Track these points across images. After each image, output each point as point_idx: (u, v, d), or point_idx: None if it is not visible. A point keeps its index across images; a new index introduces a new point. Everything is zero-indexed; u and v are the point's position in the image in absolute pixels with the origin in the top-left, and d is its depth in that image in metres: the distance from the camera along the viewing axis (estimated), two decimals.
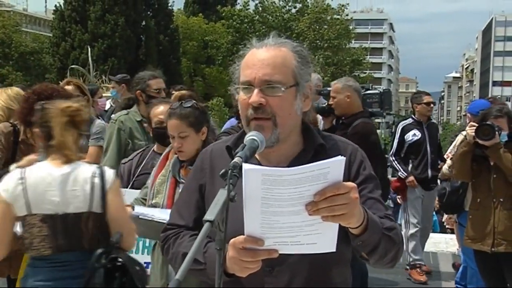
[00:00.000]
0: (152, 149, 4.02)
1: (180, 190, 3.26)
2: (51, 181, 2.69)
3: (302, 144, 1.93)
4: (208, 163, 1.98)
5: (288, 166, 1.83)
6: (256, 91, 1.79)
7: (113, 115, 5.21)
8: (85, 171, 2.77)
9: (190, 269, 1.80)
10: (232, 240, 1.64)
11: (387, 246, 1.78)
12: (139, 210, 3.18)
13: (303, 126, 1.94)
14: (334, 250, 1.64)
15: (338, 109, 5.16)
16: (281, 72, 1.82)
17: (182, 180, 3.29)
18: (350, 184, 1.58)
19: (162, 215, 3.12)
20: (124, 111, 4.93)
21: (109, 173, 2.84)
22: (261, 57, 1.83)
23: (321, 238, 1.61)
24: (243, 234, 1.63)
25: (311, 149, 1.90)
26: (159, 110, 3.90)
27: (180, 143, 3.26)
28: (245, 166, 1.52)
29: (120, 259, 2.74)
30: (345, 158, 1.55)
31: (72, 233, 2.72)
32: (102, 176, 2.78)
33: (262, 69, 1.81)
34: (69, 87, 4.93)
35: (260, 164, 1.84)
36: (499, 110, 4.40)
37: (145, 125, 4.51)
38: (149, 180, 3.46)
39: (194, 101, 3.44)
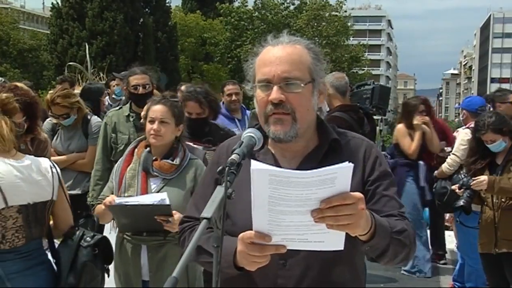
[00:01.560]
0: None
1: (152, 184, 3.35)
2: (17, 173, 2.76)
3: (317, 140, 1.94)
4: (225, 158, 1.95)
5: (302, 161, 1.87)
6: (275, 88, 1.81)
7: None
8: (42, 162, 2.91)
9: (203, 261, 1.84)
10: (241, 235, 1.67)
11: (397, 249, 1.78)
12: (121, 200, 3.21)
13: (318, 122, 1.95)
14: (342, 248, 1.64)
15: None
16: (299, 68, 1.84)
17: (155, 173, 3.34)
18: (357, 194, 1.57)
19: (146, 199, 3.18)
20: (117, 107, 5.09)
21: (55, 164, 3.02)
22: (278, 54, 1.84)
23: (328, 237, 1.62)
24: (248, 228, 1.65)
25: (325, 144, 1.91)
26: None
27: (159, 127, 3.33)
28: (253, 166, 1.53)
29: (98, 237, 2.97)
30: (353, 165, 1.54)
31: (40, 221, 2.87)
32: (55, 166, 2.96)
33: (280, 66, 1.82)
34: (57, 108, 4.87)
35: (274, 158, 1.88)
36: (483, 125, 4.39)
37: (131, 119, 4.69)
38: (113, 175, 3.48)
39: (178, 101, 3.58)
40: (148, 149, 3.42)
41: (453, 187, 4.48)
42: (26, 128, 3.37)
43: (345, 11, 41.32)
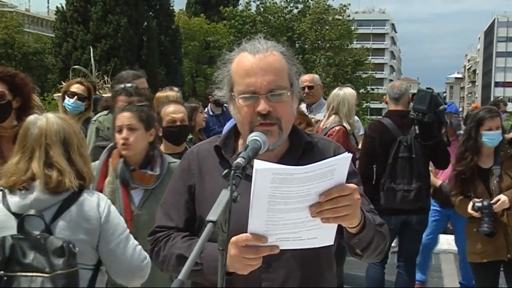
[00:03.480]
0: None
1: (134, 197, 3.21)
2: None
3: (288, 142, 1.95)
4: (196, 164, 1.98)
5: (278, 163, 1.87)
6: (263, 99, 1.81)
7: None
8: None
9: None
10: (234, 238, 1.64)
11: (379, 241, 1.83)
12: None
13: None
14: (332, 243, 1.68)
15: None
16: (282, 77, 1.85)
17: (136, 185, 3.22)
18: (353, 185, 1.60)
19: None
20: (105, 112, 4.88)
21: None
22: (261, 65, 1.83)
23: (321, 232, 1.64)
24: (242, 232, 1.63)
25: (300, 147, 1.94)
26: (171, 109, 3.89)
27: (128, 135, 3.20)
28: (257, 165, 1.52)
29: None
30: (351, 155, 1.58)
31: None
32: None
33: (265, 77, 1.82)
34: (80, 87, 4.93)
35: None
36: (493, 110, 4.33)
37: None
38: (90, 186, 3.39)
39: (147, 104, 3.50)
40: (123, 159, 3.26)
41: (470, 211, 4.26)
42: (18, 109, 3.15)
43: (349, 16, 41.31)
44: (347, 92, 5.37)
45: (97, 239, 2.47)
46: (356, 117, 5.74)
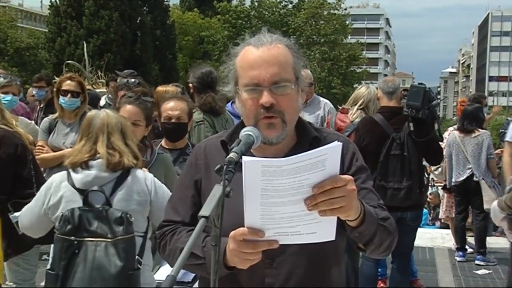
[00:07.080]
0: (159, 144, 4.00)
1: None
2: None
3: (295, 137, 1.94)
4: (203, 159, 1.99)
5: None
6: (266, 91, 1.80)
7: None
8: None
9: (189, 264, 1.80)
10: (232, 233, 1.64)
11: (383, 236, 1.81)
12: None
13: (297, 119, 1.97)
14: (334, 238, 1.65)
15: None
16: (286, 70, 1.84)
17: None
18: (347, 177, 1.58)
19: None
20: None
21: None
22: (265, 57, 1.82)
23: (320, 227, 1.62)
24: (240, 227, 1.63)
25: (306, 142, 1.92)
26: (169, 106, 3.89)
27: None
28: (245, 158, 1.52)
29: None
30: (341, 143, 1.55)
31: None
32: None
33: (269, 69, 1.81)
34: (71, 83, 4.93)
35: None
36: None
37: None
38: None
39: (152, 99, 3.67)
40: None
41: None
42: None
43: (345, 9, 41.33)
44: (375, 90, 5.58)
45: (149, 209, 2.94)
46: None
